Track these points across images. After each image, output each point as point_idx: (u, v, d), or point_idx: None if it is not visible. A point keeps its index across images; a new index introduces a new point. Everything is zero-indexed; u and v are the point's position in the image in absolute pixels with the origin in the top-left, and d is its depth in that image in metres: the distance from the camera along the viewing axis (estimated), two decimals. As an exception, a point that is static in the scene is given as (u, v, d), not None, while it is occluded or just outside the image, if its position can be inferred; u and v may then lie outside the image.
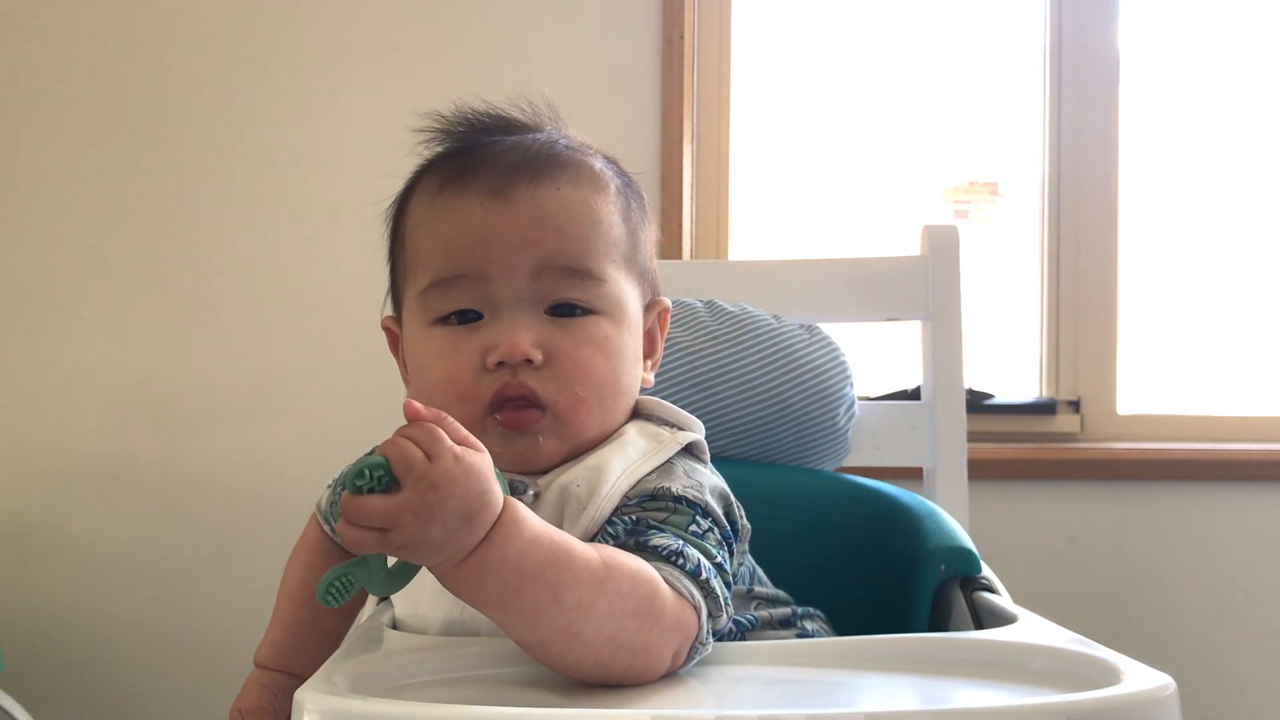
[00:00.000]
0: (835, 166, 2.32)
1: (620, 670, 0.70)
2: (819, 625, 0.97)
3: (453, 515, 0.64)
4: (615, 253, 0.85)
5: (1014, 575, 1.13)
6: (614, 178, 0.89)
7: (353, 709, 0.62)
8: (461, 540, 0.65)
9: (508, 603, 0.67)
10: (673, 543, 0.75)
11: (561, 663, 0.70)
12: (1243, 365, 2.28)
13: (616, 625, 0.68)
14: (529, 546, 0.66)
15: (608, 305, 0.84)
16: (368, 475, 0.63)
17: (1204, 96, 2.30)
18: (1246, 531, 2.06)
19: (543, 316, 0.82)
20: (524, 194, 0.83)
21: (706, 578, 0.75)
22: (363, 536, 0.63)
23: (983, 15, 2.32)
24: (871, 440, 1.38)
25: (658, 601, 0.71)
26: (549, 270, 0.82)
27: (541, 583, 0.66)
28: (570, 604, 0.67)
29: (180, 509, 2.11)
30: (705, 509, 0.80)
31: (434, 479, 0.63)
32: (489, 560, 0.65)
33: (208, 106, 2.14)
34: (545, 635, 0.68)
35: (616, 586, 0.69)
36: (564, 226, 0.83)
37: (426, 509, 0.63)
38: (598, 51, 2.12)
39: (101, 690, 2.12)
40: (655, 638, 0.70)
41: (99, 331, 2.14)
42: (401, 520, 0.63)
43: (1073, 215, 2.19)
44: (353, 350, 2.07)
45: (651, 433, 0.86)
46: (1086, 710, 0.61)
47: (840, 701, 0.71)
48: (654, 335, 0.92)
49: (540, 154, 0.86)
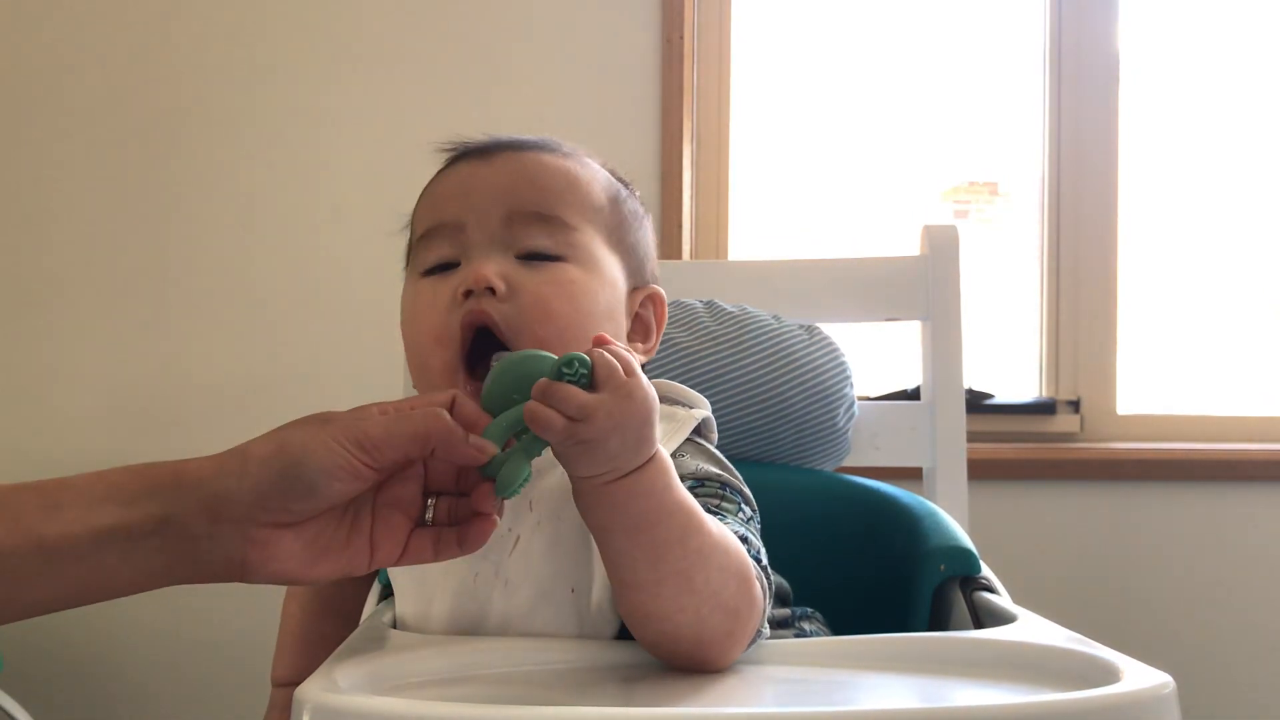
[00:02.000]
0: (835, 166, 2.32)
1: (711, 632, 0.72)
2: (817, 626, 0.97)
3: (633, 431, 0.68)
4: (592, 214, 0.87)
5: (1014, 575, 1.13)
6: (607, 180, 0.92)
7: (353, 708, 0.62)
8: (627, 459, 0.68)
9: (642, 532, 0.70)
10: (737, 528, 0.78)
11: (665, 609, 0.71)
12: (1243, 365, 2.28)
13: (723, 581, 0.72)
14: (673, 485, 0.71)
15: (576, 253, 0.85)
16: (574, 367, 0.67)
17: (1204, 96, 2.30)
18: (1246, 531, 2.06)
19: (512, 260, 0.84)
20: (507, 156, 0.88)
21: (766, 564, 0.79)
22: (555, 420, 0.66)
23: (983, 15, 2.32)
24: (871, 440, 1.38)
25: (750, 573, 0.75)
26: (519, 216, 0.84)
27: (676, 522, 0.70)
28: (693, 548, 0.71)
29: (180, 509, 2.11)
30: (748, 498, 0.84)
31: (631, 389, 0.68)
32: (640, 485, 0.69)
33: (207, 107, 2.14)
34: (664, 574, 0.70)
35: (727, 545, 0.73)
36: (537, 178, 0.86)
37: (620, 413, 0.67)
38: (598, 51, 2.12)
39: (101, 690, 2.12)
40: (746, 604, 0.73)
41: (98, 331, 2.14)
42: (596, 416, 0.67)
43: (1073, 215, 2.20)
44: (352, 350, 2.07)
45: (667, 412, 0.87)
46: (1086, 709, 0.61)
47: (840, 701, 0.71)
48: (647, 321, 0.92)
49: (533, 138, 0.90)
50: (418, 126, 2.15)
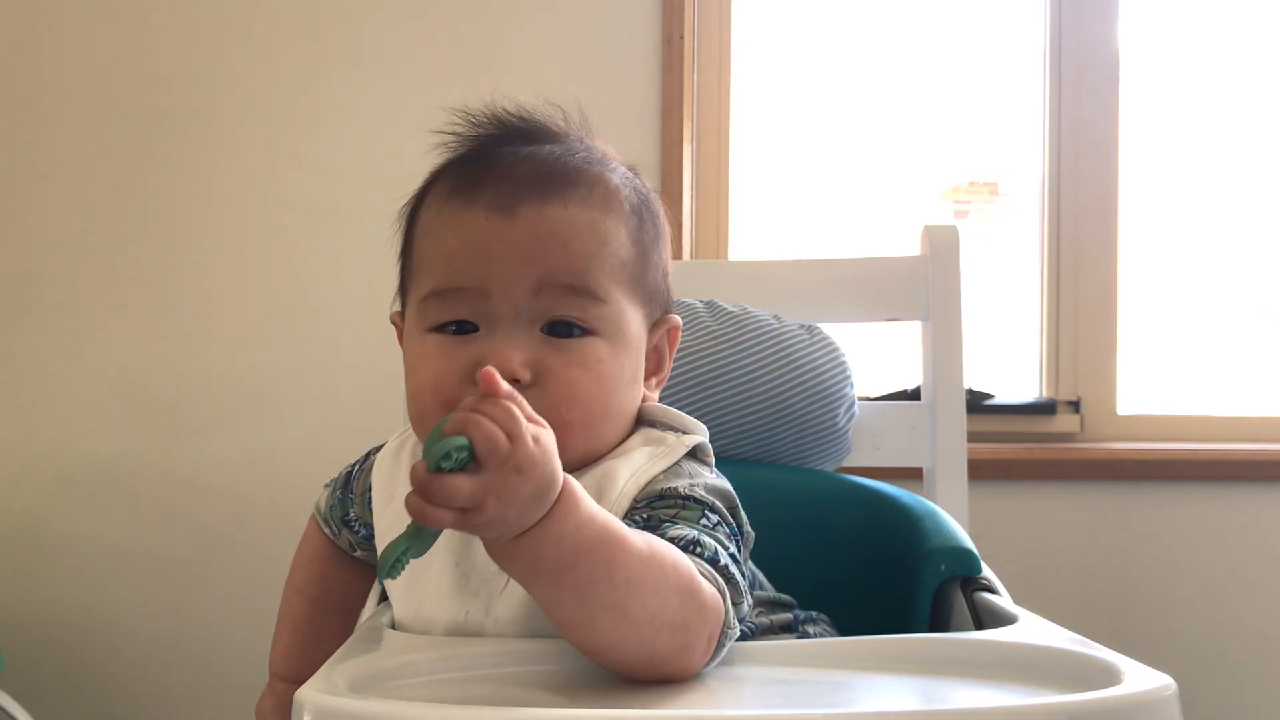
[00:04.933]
0: (835, 166, 2.32)
1: (662, 650, 0.70)
2: (822, 629, 0.97)
3: (529, 497, 0.65)
4: (621, 274, 0.84)
5: (1014, 575, 1.13)
6: (630, 195, 0.87)
7: (353, 709, 0.62)
8: (530, 517, 0.65)
9: (561, 577, 0.67)
10: (688, 533, 0.76)
11: (606, 642, 0.69)
12: (1243, 365, 2.28)
13: (661, 601, 0.69)
14: (586, 522, 0.67)
15: (606, 327, 0.82)
16: (453, 458, 0.63)
17: (1204, 96, 2.30)
18: (1246, 531, 2.06)
19: (538, 336, 0.81)
20: (530, 211, 0.81)
21: (725, 564, 0.75)
22: (442, 515, 0.63)
23: (983, 15, 2.32)
24: (871, 440, 1.38)
25: (695, 581, 0.71)
26: (550, 287, 0.80)
27: (596, 557, 0.67)
28: (620, 580, 0.67)
29: (180, 509, 2.11)
30: (712, 506, 0.80)
31: (517, 462, 0.64)
32: (549, 533, 0.66)
33: (207, 107, 2.14)
34: (595, 611, 0.68)
35: (661, 563, 0.70)
36: (569, 244, 0.81)
37: (509, 491, 0.63)
38: (598, 51, 2.11)
39: (101, 690, 2.12)
40: (695, 614, 0.71)
41: (99, 332, 2.14)
42: (485, 501, 0.63)
43: (1073, 215, 2.19)
44: (352, 351, 2.07)
45: (657, 438, 0.86)
46: (1087, 710, 0.61)
47: (841, 701, 0.71)
48: (661, 352, 0.91)
49: (553, 169, 0.84)
50: (417, 127, 2.14)
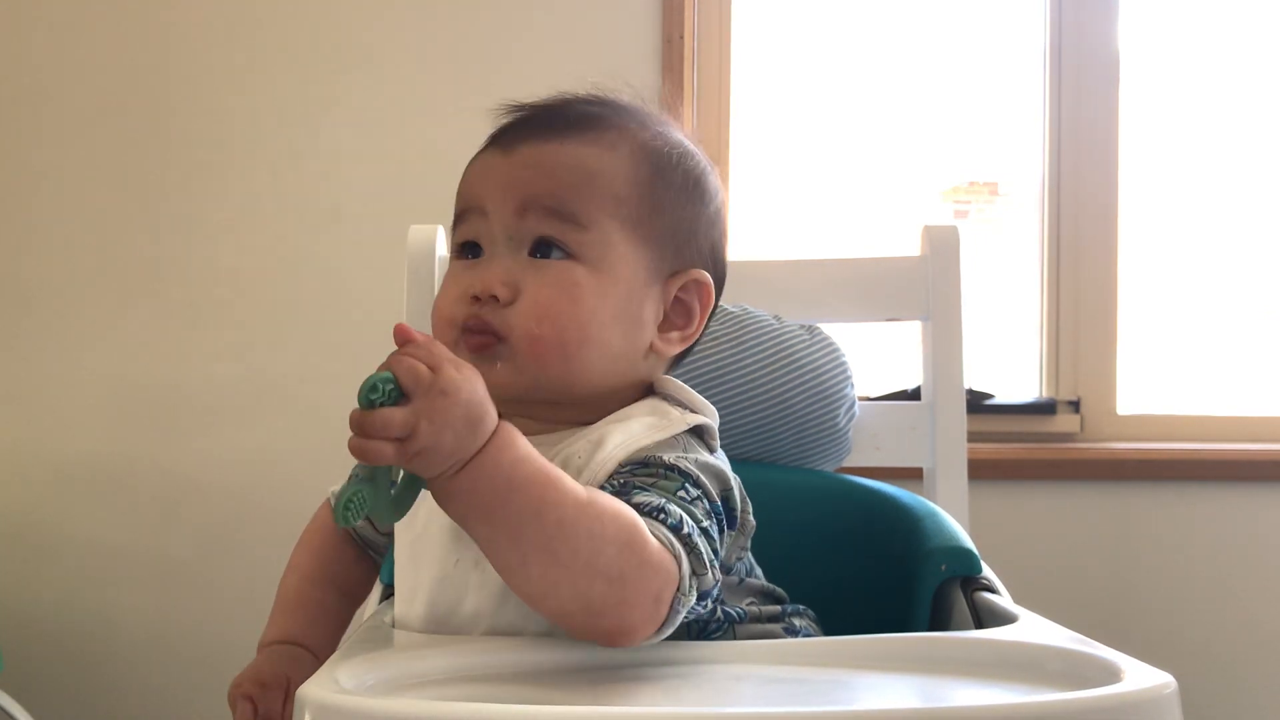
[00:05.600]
0: (835, 166, 2.32)
1: (598, 602, 0.71)
2: (807, 623, 0.97)
3: (460, 420, 0.68)
4: (615, 208, 0.86)
5: (1014, 575, 1.13)
6: (657, 152, 0.90)
7: (353, 709, 0.62)
8: (468, 445, 0.69)
9: (493, 513, 0.70)
10: (655, 500, 0.77)
11: (540, 587, 0.71)
12: (1243, 365, 2.28)
13: (595, 549, 0.70)
14: (522, 459, 0.71)
15: (588, 253, 0.85)
16: (380, 389, 0.67)
17: (1204, 96, 2.30)
18: (1246, 531, 2.06)
19: (524, 258, 0.85)
20: (529, 146, 0.88)
21: (688, 532, 0.76)
22: (381, 447, 0.66)
23: (983, 15, 2.32)
24: (871, 440, 1.38)
25: (638, 536, 0.72)
26: (533, 208, 0.85)
27: (528, 495, 0.70)
28: (551, 520, 0.70)
29: (180, 509, 2.11)
30: (695, 480, 0.81)
31: (442, 386, 0.68)
32: (484, 465, 0.69)
33: (207, 106, 2.14)
34: (526, 552, 0.70)
35: (599, 513, 0.72)
36: (554, 172, 0.86)
37: (440, 413, 0.67)
38: (598, 51, 2.11)
39: (101, 690, 2.12)
40: (633, 570, 0.71)
41: (99, 332, 2.14)
42: (418, 427, 0.67)
43: (1073, 215, 2.19)
44: (352, 350, 2.05)
45: (662, 410, 0.87)
46: (1087, 709, 0.61)
47: (841, 701, 0.71)
48: (689, 307, 0.91)
49: (567, 115, 0.90)
50: (418, 127, 2.15)
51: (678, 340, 0.91)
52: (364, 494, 0.68)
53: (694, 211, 0.92)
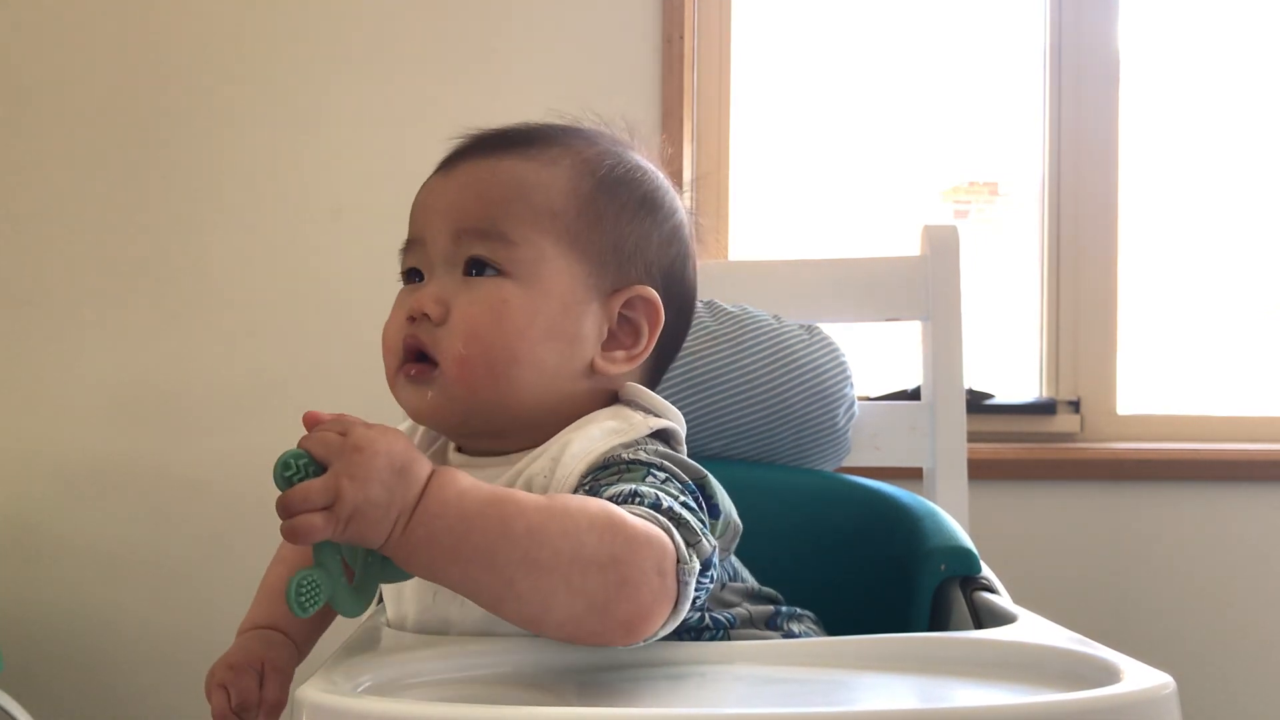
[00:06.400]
0: (835, 166, 2.32)
1: (600, 593, 0.68)
2: (807, 627, 0.96)
3: (384, 469, 0.66)
4: (549, 223, 0.85)
5: (1014, 575, 1.13)
6: (604, 167, 0.89)
7: (353, 709, 0.62)
8: (403, 494, 0.66)
9: (460, 548, 0.67)
10: (625, 488, 0.75)
11: (537, 603, 0.68)
12: (1243, 365, 2.28)
13: (575, 542, 0.68)
14: (466, 490, 0.68)
15: (519, 270, 0.84)
16: (293, 465, 0.66)
17: (1204, 97, 2.30)
18: (1246, 531, 2.06)
19: (458, 277, 0.85)
20: (465, 166, 0.88)
21: (669, 506, 0.74)
22: (309, 520, 0.64)
23: (983, 15, 2.32)
24: (871, 440, 1.38)
25: (616, 517, 0.70)
26: (465, 232, 0.85)
27: (485, 518, 0.68)
28: (520, 532, 0.67)
29: (180, 509, 2.11)
30: (659, 466, 0.79)
31: (355, 442, 0.67)
32: (431, 508, 0.67)
33: (207, 106, 2.14)
34: (509, 573, 0.67)
35: (564, 508, 0.69)
36: (485, 191, 0.86)
37: (360, 467, 0.65)
38: (598, 51, 2.11)
39: (101, 690, 2.12)
40: (623, 548, 0.69)
41: (99, 332, 2.14)
42: (340, 487, 0.65)
43: (1073, 215, 2.19)
44: (352, 350, 2.07)
45: (623, 415, 0.85)
46: (1086, 709, 0.61)
47: (840, 701, 0.71)
48: (635, 325, 0.88)
49: (507, 134, 0.90)
50: (417, 127, 2.15)
51: (623, 360, 0.88)
52: (314, 579, 0.66)
53: (642, 228, 0.90)
